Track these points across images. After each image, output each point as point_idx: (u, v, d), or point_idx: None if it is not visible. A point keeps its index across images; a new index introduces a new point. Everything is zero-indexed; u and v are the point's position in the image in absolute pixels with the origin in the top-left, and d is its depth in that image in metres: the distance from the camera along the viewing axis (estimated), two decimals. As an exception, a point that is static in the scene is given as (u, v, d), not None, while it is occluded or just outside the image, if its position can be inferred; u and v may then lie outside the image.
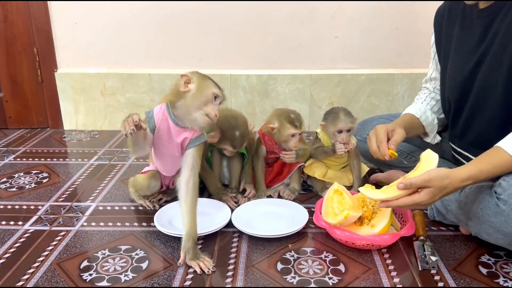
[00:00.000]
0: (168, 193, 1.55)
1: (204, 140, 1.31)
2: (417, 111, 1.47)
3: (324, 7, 2.20)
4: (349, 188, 1.50)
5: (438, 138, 1.51)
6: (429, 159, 1.13)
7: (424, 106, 1.49)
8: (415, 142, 1.60)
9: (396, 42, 2.25)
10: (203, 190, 1.58)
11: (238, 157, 1.60)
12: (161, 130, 1.28)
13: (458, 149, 1.40)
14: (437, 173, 1.06)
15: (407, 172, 1.20)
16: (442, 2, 1.43)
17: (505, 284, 1.09)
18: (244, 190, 1.58)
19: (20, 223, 1.41)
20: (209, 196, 1.55)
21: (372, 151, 1.32)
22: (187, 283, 1.10)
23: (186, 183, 1.25)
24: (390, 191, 1.13)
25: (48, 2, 2.23)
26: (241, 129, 1.47)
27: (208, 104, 1.23)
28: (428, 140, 1.51)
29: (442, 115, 1.51)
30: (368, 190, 1.18)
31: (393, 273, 1.14)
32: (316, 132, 1.59)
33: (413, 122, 1.45)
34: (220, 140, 1.47)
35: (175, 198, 1.53)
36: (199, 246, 1.26)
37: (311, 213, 1.38)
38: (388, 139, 1.31)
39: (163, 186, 1.54)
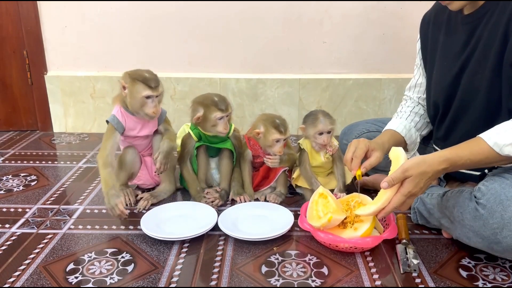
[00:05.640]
0: (154, 196, 1.56)
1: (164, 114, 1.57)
2: (402, 128, 1.45)
3: (312, 12, 2.22)
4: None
5: (417, 155, 1.50)
6: (396, 156, 1.16)
7: (409, 123, 1.48)
8: None
9: (383, 48, 2.28)
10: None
11: (227, 157, 1.61)
12: (130, 127, 1.50)
13: None
14: (412, 162, 1.09)
15: None
16: (428, 8, 1.46)
17: (484, 287, 1.11)
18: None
19: (7, 226, 1.41)
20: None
21: (345, 158, 1.30)
22: (172, 285, 1.12)
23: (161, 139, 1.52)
24: (378, 199, 1.15)
25: (38, 5, 2.23)
26: (218, 95, 1.53)
27: (144, 105, 1.43)
28: (407, 156, 1.51)
29: (425, 131, 1.52)
30: (361, 209, 1.21)
31: (375, 276, 1.16)
32: (299, 144, 1.59)
33: (397, 139, 1.44)
34: (206, 115, 1.48)
35: (161, 202, 1.56)
36: (185, 249, 1.28)
37: (297, 216, 1.40)
38: (367, 157, 1.29)
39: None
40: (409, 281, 1.14)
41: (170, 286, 1.12)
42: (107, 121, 1.50)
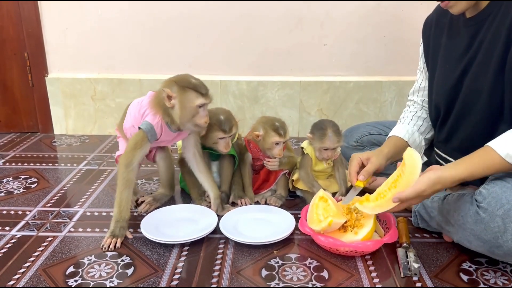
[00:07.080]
0: (157, 200, 1.56)
1: None
2: (404, 133, 1.44)
3: (313, 15, 2.22)
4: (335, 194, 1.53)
5: (425, 158, 1.50)
6: (413, 165, 1.13)
7: (411, 128, 1.47)
8: None
9: (384, 50, 2.28)
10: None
11: (228, 161, 1.61)
12: (161, 139, 1.39)
13: (443, 155, 1.42)
14: (427, 182, 1.08)
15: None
16: (429, 10, 1.45)
17: (485, 291, 1.11)
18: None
19: (7, 228, 1.41)
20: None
21: (349, 179, 1.35)
22: (172, 289, 1.12)
23: (193, 156, 1.47)
24: (385, 204, 1.15)
25: (39, 7, 2.23)
26: (225, 114, 1.49)
27: (196, 115, 1.31)
28: None
29: (429, 135, 1.51)
30: (364, 206, 1.20)
31: (376, 280, 1.15)
32: (302, 148, 1.58)
33: (400, 146, 1.43)
34: (209, 132, 1.47)
35: (163, 205, 1.55)
36: (185, 252, 1.27)
37: (297, 219, 1.39)
38: (365, 166, 1.32)
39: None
40: (409, 285, 1.13)
41: (170, 289, 1.12)
42: (139, 128, 1.35)
